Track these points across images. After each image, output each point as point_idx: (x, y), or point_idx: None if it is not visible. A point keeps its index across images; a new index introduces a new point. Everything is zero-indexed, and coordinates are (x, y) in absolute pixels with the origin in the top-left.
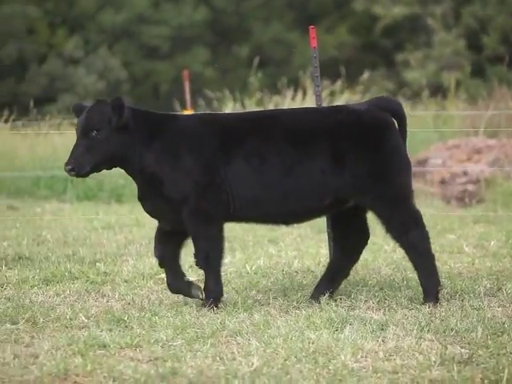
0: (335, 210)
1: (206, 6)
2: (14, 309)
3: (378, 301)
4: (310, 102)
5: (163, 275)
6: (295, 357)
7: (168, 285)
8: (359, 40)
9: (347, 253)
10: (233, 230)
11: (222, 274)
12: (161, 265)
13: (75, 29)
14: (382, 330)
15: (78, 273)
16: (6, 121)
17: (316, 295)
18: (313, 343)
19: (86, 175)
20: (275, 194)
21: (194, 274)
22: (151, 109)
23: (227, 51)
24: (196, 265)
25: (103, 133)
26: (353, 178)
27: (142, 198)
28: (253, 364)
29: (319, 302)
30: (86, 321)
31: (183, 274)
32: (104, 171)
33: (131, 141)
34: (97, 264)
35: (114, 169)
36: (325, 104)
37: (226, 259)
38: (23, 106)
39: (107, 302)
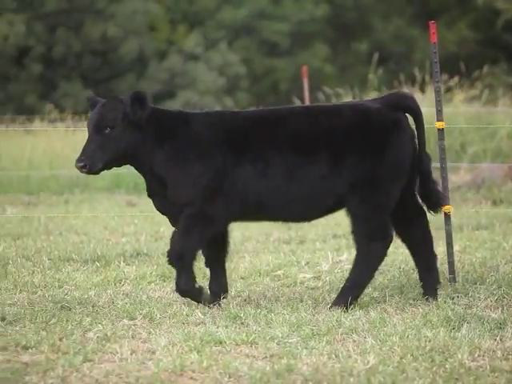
0: (339, 209)
1: (326, 2)
2: (131, 305)
3: (497, 299)
4: (428, 99)
5: (279, 272)
6: (411, 355)
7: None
8: (480, 35)
9: (421, 245)
10: (346, 227)
11: (339, 271)
12: (206, 265)
13: (195, 25)
14: (500, 328)
15: (195, 269)
16: None
17: (430, 293)
18: (429, 341)
19: (97, 172)
20: (279, 198)
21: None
22: (270, 106)
23: (347, 47)
24: (168, 262)
25: (117, 130)
26: (352, 178)
27: (151, 195)
28: (368, 362)
29: (436, 299)
30: (202, 317)
31: (225, 280)
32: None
33: (143, 139)
34: None
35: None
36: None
37: (343, 256)
38: None
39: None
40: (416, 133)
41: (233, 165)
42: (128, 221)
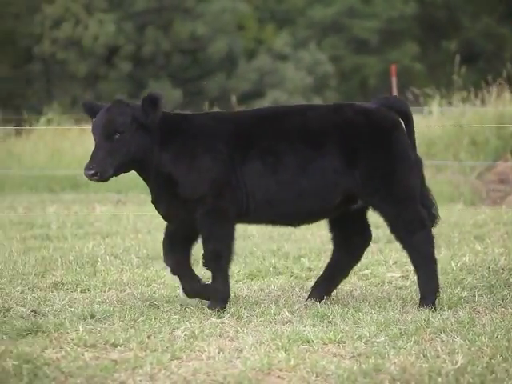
0: (342, 210)
1: (416, 0)
2: None
3: None
4: None
5: (367, 271)
6: (501, 355)
7: (185, 290)
8: None
9: (350, 253)
10: (438, 227)
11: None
12: (173, 272)
13: (284, 24)
14: None
15: (283, 268)
16: None
17: (315, 295)
18: None
19: (107, 179)
20: (288, 194)
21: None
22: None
23: (436, 46)
24: (204, 265)
25: (126, 135)
26: (363, 177)
27: (157, 201)
28: (457, 362)
29: (319, 302)
30: (289, 316)
31: (198, 278)
32: None
33: (150, 143)
34: (301, 259)
35: None
36: None
37: None
38: (228, 101)
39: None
40: (407, 136)
41: (239, 162)
42: None
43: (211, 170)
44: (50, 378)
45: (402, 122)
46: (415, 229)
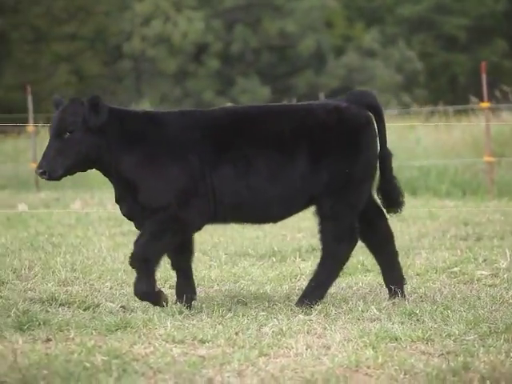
0: (305, 208)
1: None
2: None
3: None
4: None
5: (456, 269)
6: None
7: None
8: None
9: (379, 234)
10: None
11: None
12: (173, 268)
13: (373, 21)
14: None
15: (371, 265)
16: None
17: (392, 290)
18: None
19: (58, 179)
20: (256, 200)
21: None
22: (448, 103)
23: None
24: (130, 264)
25: (77, 134)
26: (327, 179)
27: (119, 201)
28: None
29: (404, 296)
30: (377, 313)
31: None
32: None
33: (106, 143)
34: None
35: None
36: None
37: None
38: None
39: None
40: (378, 130)
41: (209, 166)
42: (304, 216)
43: (176, 180)
44: (139, 373)
45: (374, 116)
46: (343, 239)
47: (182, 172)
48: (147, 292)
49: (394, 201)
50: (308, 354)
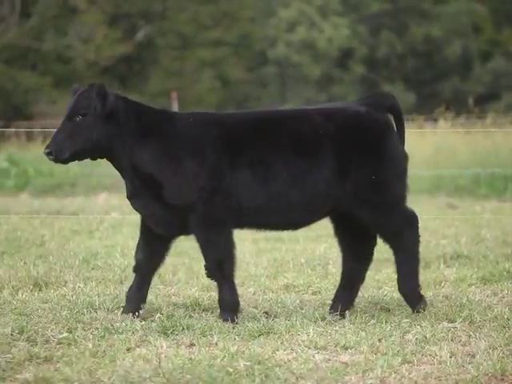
0: (327, 216)
1: None
2: (451, 307)
3: None
4: None
5: None
6: None
7: (128, 292)
8: None
9: (360, 257)
10: None
11: None
12: (135, 270)
13: None
14: None
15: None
16: (449, 118)
17: (336, 307)
18: None
19: (65, 162)
20: (277, 206)
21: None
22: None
23: None
24: (208, 276)
25: (88, 119)
26: (354, 186)
27: (133, 197)
28: None
29: (343, 316)
30: None
31: (146, 291)
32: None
33: (120, 133)
34: None
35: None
36: None
37: None
38: (463, 104)
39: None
40: (397, 132)
41: (228, 168)
42: (448, 223)
43: (199, 176)
44: (281, 379)
45: (394, 118)
46: (403, 229)
47: (205, 170)
48: (234, 300)
49: None
50: (452, 362)
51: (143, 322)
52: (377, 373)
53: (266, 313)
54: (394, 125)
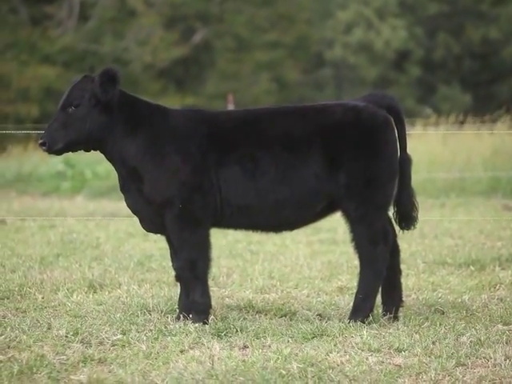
0: (327, 215)
1: None
2: (505, 310)
3: None
4: None
5: None
6: None
7: (179, 301)
8: None
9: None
10: None
11: None
12: (176, 280)
13: None
14: None
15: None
16: (507, 120)
17: (390, 309)
18: None
19: (58, 152)
20: (268, 202)
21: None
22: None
23: None
24: (176, 276)
25: (81, 109)
26: (347, 180)
27: (123, 190)
28: None
29: (397, 318)
30: None
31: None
32: None
33: (112, 125)
34: None
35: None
36: None
37: None
38: None
39: None
40: (397, 132)
41: (216, 164)
42: (504, 225)
43: (181, 172)
44: (335, 381)
45: (393, 119)
46: (378, 242)
47: (189, 166)
48: (204, 302)
49: (405, 214)
50: (507, 365)
51: (197, 324)
52: (430, 375)
53: (320, 315)
54: (394, 125)
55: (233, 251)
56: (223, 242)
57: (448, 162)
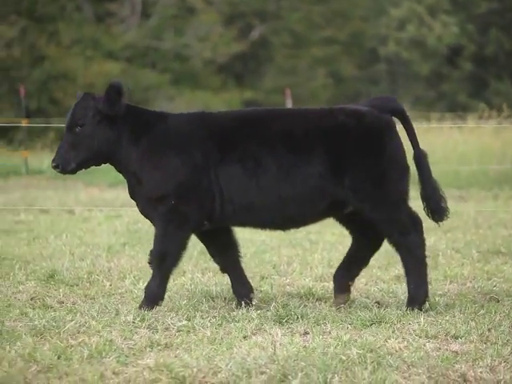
0: (335, 214)
1: None
2: None
3: None
4: None
5: None
6: None
7: (233, 290)
8: None
9: (369, 242)
10: None
11: None
12: (222, 271)
13: None
14: None
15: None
16: None
17: (338, 289)
18: None
19: (72, 172)
20: (270, 200)
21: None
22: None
23: None
24: (149, 263)
25: (87, 128)
26: (353, 183)
27: (132, 197)
28: None
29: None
30: None
31: (245, 280)
32: None
33: (118, 137)
34: None
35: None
36: None
37: None
38: None
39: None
40: (406, 133)
41: (217, 164)
42: None
43: (177, 172)
44: (393, 367)
45: (399, 120)
46: (408, 231)
47: (189, 167)
48: (158, 292)
49: (435, 206)
50: None
51: (259, 311)
52: (486, 362)
53: (378, 302)
54: (402, 126)
55: (293, 241)
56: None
57: (500, 155)
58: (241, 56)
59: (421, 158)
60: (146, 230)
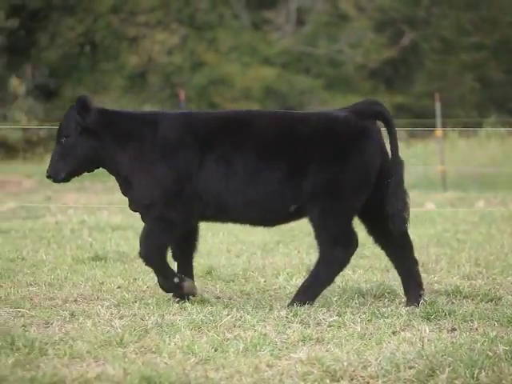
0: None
1: None
2: None
3: None
4: None
5: None
6: None
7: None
8: None
9: (397, 248)
10: None
11: None
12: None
13: None
14: None
15: None
16: None
17: (414, 300)
18: None
19: (64, 180)
20: (239, 201)
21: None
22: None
23: None
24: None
25: (71, 139)
26: (309, 188)
27: (125, 195)
28: None
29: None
30: None
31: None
32: None
33: (100, 145)
34: None
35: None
36: None
37: None
38: None
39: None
40: (389, 138)
41: (196, 166)
42: None
43: (164, 179)
44: None
45: (384, 124)
46: (338, 243)
47: (174, 172)
48: (168, 286)
49: (395, 214)
50: None
51: (407, 308)
52: None
53: None
54: (386, 130)
55: (441, 240)
56: (431, 231)
57: None
58: (391, 61)
59: (396, 165)
60: (300, 228)
